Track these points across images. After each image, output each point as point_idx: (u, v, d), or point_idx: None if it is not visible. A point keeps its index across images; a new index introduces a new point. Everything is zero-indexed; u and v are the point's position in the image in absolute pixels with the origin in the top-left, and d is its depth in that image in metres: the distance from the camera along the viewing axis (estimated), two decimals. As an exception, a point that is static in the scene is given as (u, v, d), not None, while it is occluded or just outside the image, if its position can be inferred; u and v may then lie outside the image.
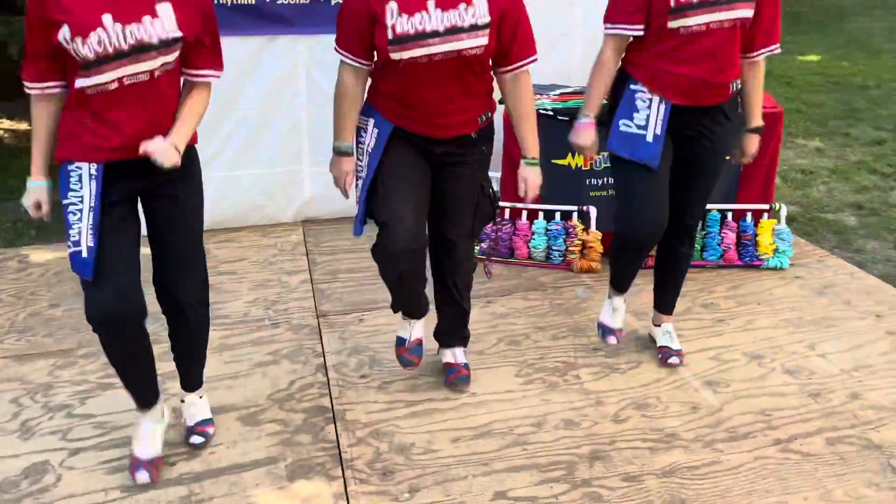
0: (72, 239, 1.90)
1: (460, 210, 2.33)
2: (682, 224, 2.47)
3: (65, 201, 1.92)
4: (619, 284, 2.58)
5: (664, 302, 2.69)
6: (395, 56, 2.04)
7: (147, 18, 1.85)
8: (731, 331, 2.85)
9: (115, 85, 1.86)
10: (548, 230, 3.43)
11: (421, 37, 2.01)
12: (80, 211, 1.91)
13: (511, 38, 2.13)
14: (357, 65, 2.14)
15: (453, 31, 2.02)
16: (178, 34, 1.89)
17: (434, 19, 2.01)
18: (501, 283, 3.30)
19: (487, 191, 2.37)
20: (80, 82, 1.85)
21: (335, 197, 4.08)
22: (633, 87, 2.31)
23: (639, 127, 2.29)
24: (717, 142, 2.38)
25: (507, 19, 2.10)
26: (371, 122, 2.20)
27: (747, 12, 2.20)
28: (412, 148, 2.21)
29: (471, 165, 2.28)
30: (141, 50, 1.84)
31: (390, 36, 2.01)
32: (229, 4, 3.68)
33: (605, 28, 2.33)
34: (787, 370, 2.58)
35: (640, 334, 2.85)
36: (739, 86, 2.38)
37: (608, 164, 3.39)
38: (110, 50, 1.81)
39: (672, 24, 2.20)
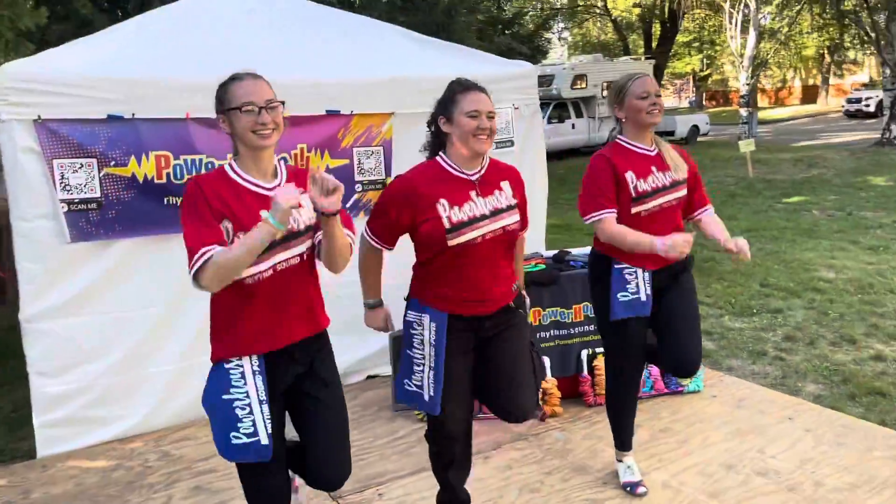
0: (244, 431, 2.07)
1: (522, 371, 2.56)
2: (690, 366, 2.89)
3: (225, 396, 2.09)
4: (625, 441, 3.10)
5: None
6: (452, 242, 2.38)
7: (294, 211, 2.04)
8: (697, 448, 3.40)
9: (269, 273, 2.08)
10: (511, 384, 3.82)
11: (473, 221, 2.41)
12: (249, 405, 2.09)
13: (524, 215, 2.62)
14: (382, 248, 2.50)
15: (497, 212, 2.46)
16: (315, 217, 2.14)
17: (479, 206, 2.43)
18: (485, 437, 3.58)
19: (535, 346, 2.72)
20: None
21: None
22: (617, 266, 2.86)
23: (633, 294, 2.85)
24: (685, 284, 2.94)
25: (523, 201, 2.60)
26: (426, 317, 2.46)
27: (685, 191, 2.89)
28: (463, 335, 2.49)
29: (516, 327, 2.59)
30: (291, 237, 2.10)
31: (447, 226, 2.37)
32: (179, 204, 3.77)
33: (588, 219, 2.80)
34: (759, 473, 3.16)
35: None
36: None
37: (554, 318, 3.95)
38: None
39: (634, 210, 2.80)
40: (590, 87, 19.83)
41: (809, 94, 39.06)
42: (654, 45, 27.13)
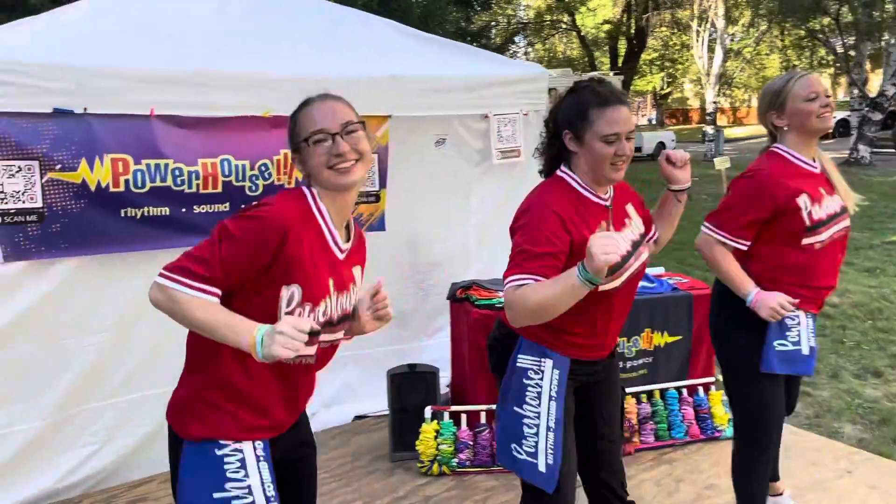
0: None
1: (613, 416, 2.24)
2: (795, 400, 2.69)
3: (217, 495, 1.54)
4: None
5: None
6: (604, 287, 1.93)
7: (352, 285, 1.72)
8: None
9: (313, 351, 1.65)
10: (529, 431, 3.30)
11: (623, 261, 1.97)
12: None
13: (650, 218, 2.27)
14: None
15: (636, 246, 2.07)
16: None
17: (621, 242, 1.94)
18: (515, 492, 3.05)
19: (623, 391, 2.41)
20: None
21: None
22: None
23: (794, 344, 2.37)
24: None
25: (649, 218, 2.23)
26: (549, 362, 2.02)
27: (848, 220, 2.43)
28: (573, 382, 2.09)
29: (615, 371, 2.27)
30: (342, 321, 1.71)
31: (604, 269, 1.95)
32: (138, 217, 3.17)
33: (707, 230, 2.39)
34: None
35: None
36: None
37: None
38: (324, 320, 1.63)
39: (806, 241, 2.32)
40: (559, 100, 19.58)
41: (766, 115, 39.76)
42: (619, 61, 27.17)
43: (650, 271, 3.74)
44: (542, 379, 2.01)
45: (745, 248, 2.37)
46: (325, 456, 3.50)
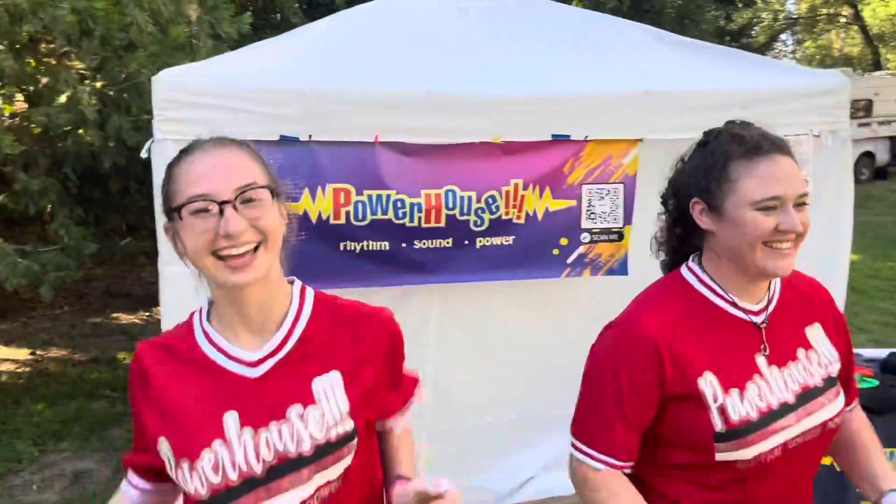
0: None
1: None
2: None
3: None
4: None
5: None
6: (725, 456, 1.26)
7: (294, 411, 1.12)
8: None
9: None
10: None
11: (768, 419, 1.26)
12: None
13: (849, 374, 1.46)
14: (622, 467, 1.36)
15: (809, 395, 1.31)
16: (350, 426, 1.14)
17: (776, 384, 1.29)
18: None
19: None
20: None
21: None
22: None
23: None
24: None
25: (847, 349, 1.44)
26: None
27: None
28: None
29: None
30: (285, 471, 1.10)
31: (719, 427, 1.26)
32: (357, 251, 2.95)
33: None
34: None
35: None
36: None
37: (886, 466, 2.58)
38: (234, 478, 1.08)
39: None
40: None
41: None
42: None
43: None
44: None
45: None
46: (542, 538, 3.03)
